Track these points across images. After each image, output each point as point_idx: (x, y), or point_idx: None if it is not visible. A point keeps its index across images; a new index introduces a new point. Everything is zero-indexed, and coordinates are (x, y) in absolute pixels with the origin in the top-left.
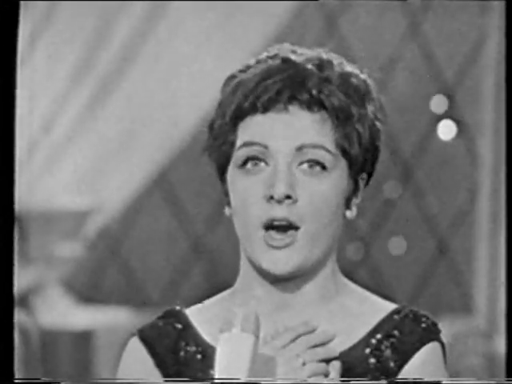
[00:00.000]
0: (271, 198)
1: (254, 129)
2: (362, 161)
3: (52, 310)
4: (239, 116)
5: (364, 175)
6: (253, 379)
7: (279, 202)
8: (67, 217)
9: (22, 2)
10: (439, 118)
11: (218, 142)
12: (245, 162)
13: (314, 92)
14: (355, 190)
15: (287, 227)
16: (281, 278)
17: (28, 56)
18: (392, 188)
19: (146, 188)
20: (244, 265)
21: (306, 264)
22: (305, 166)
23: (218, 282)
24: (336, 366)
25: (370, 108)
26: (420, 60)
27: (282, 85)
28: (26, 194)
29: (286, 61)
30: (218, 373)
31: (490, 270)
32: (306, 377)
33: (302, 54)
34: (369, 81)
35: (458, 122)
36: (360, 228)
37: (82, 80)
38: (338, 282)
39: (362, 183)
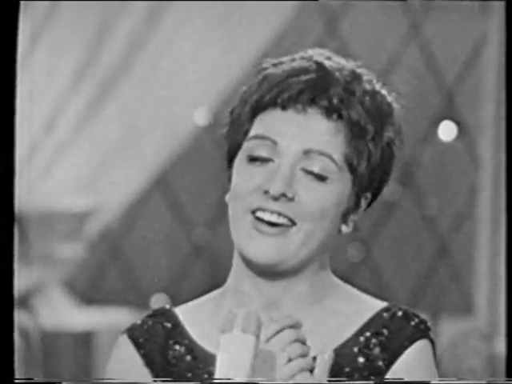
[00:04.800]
0: (267, 192)
1: (268, 123)
2: (367, 179)
3: (52, 310)
4: (259, 107)
5: (368, 195)
6: (254, 380)
7: (274, 198)
8: (67, 217)
9: (22, 2)
10: (439, 118)
11: (233, 128)
12: (252, 150)
13: (335, 100)
14: (356, 207)
15: (278, 225)
16: (265, 270)
17: (28, 56)
18: (392, 189)
19: (146, 188)
20: (236, 262)
21: (291, 260)
22: (308, 168)
23: (218, 282)
24: (324, 360)
25: (387, 131)
26: (420, 60)
27: (304, 86)
28: (26, 194)
29: (317, 64)
30: (219, 373)
31: (490, 271)
32: (292, 373)
33: (335, 62)
34: (394, 105)
35: (458, 123)
36: (360, 229)
37: (83, 80)
38: (328, 282)
39: (364, 202)
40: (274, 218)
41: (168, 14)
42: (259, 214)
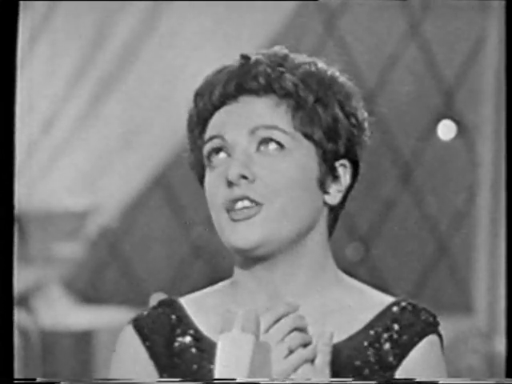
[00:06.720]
0: (229, 182)
1: (212, 125)
2: (332, 146)
3: (52, 310)
4: (202, 120)
5: (344, 162)
6: (253, 379)
7: (236, 183)
8: (67, 217)
9: (21, 2)
10: (439, 117)
11: (194, 153)
12: (209, 157)
13: (261, 78)
14: (334, 176)
15: (249, 207)
16: (256, 255)
17: (28, 56)
18: (392, 188)
19: (145, 188)
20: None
21: (272, 239)
22: (262, 147)
23: (218, 281)
24: (324, 344)
25: (334, 95)
26: (420, 60)
27: (228, 77)
28: (26, 193)
29: (239, 56)
30: (218, 373)
31: (490, 270)
32: (293, 366)
33: (259, 52)
34: (337, 73)
35: (457, 122)
36: (360, 228)
37: (82, 80)
38: (334, 276)
39: (342, 170)
40: (245, 204)
41: (167, 14)
42: (231, 205)
